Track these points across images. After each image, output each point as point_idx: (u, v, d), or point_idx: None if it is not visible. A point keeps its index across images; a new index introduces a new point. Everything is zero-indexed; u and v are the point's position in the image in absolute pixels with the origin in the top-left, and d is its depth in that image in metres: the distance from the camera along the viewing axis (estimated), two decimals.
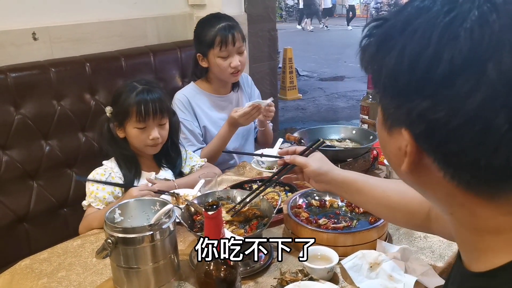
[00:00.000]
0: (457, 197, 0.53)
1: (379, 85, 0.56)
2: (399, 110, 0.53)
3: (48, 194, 1.92)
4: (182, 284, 1.16)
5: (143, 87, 1.57)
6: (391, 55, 0.52)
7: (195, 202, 1.31)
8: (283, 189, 1.61)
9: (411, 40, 0.50)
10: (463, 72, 0.46)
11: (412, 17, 0.51)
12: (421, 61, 0.49)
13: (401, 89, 0.52)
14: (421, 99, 0.50)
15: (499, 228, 0.52)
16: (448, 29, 0.48)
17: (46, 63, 1.92)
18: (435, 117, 0.49)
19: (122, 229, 1.06)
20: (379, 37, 0.55)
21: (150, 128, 1.56)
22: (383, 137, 0.59)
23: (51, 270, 1.26)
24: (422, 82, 0.49)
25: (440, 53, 0.47)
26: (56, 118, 1.92)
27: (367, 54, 0.57)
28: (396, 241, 1.31)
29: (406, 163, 0.55)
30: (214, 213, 0.83)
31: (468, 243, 0.57)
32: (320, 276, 1.11)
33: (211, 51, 1.93)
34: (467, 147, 0.48)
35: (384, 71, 0.53)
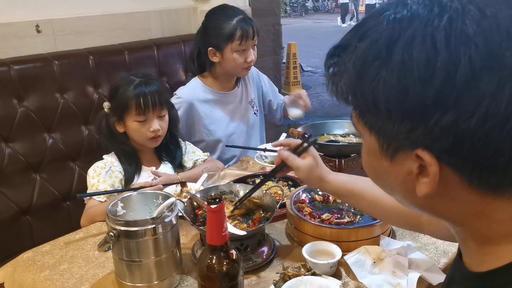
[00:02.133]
0: (476, 206, 0.51)
1: (372, 112, 0.51)
2: (413, 132, 0.48)
3: (51, 187, 1.92)
4: (184, 278, 1.16)
5: (141, 79, 1.56)
6: (387, 75, 0.47)
7: (197, 196, 1.30)
8: (286, 184, 1.61)
9: (409, 53, 0.46)
10: (485, 70, 0.44)
11: (397, 30, 0.47)
12: (435, 71, 0.45)
13: (414, 108, 0.47)
14: (442, 112, 0.45)
15: (511, 232, 0.51)
16: (453, 30, 0.45)
17: (50, 55, 1.92)
18: (463, 128, 0.45)
19: (124, 222, 1.06)
20: (356, 61, 0.50)
21: (150, 120, 1.56)
22: (382, 168, 0.55)
23: (53, 262, 1.26)
24: (440, 93, 0.45)
25: (455, 56, 0.44)
26: (59, 111, 1.92)
27: (343, 83, 0.52)
28: (400, 237, 1.30)
29: (427, 186, 0.50)
30: (217, 206, 0.82)
31: (474, 250, 0.56)
32: (323, 271, 1.10)
33: (229, 45, 1.84)
34: (501, 149, 0.46)
35: (381, 94, 0.48)
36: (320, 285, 1.01)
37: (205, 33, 1.92)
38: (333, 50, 0.55)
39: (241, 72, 1.97)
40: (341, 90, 0.53)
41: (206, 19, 1.94)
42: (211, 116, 2.00)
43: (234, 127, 2.06)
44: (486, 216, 0.51)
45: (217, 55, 1.90)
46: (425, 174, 0.50)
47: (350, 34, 0.54)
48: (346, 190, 1.10)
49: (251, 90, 2.13)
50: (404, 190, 0.54)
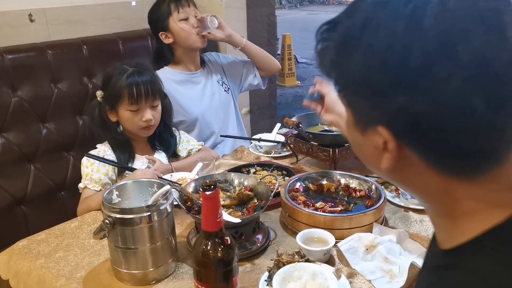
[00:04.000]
0: (438, 184, 0.54)
1: (347, 88, 0.56)
2: (374, 109, 0.53)
3: (45, 177, 1.92)
4: (179, 265, 1.17)
5: (134, 69, 1.56)
6: (356, 56, 0.51)
7: (192, 185, 1.31)
8: (281, 173, 1.62)
9: (375, 36, 0.49)
10: (436, 60, 0.47)
11: (371, 14, 0.51)
12: (392, 56, 0.48)
13: (375, 88, 0.51)
14: (397, 95, 0.49)
15: (472, 209, 0.54)
16: (413, 20, 0.48)
17: (43, 45, 1.91)
18: (415, 110, 0.49)
19: (119, 210, 1.06)
20: (337, 39, 0.54)
21: (143, 110, 1.56)
22: (357, 139, 0.59)
23: (48, 250, 1.26)
24: (396, 76, 0.49)
25: (409, 45, 0.47)
26: (53, 101, 1.92)
27: (326, 59, 0.56)
28: (392, 224, 1.32)
29: (388, 160, 0.54)
30: (211, 193, 0.83)
31: (443, 227, 0.58)
32: (317, 258, 1.12)
33: (170, 19, 1.96)
34: (450, 133, 0.49)
35: (352, 72, 0.53)
36: (313, 271, 1.02)
37: (151, 25, 2.05)
38: (324, 25, 0.58)
39: (195, 40, 1.99)
40: (325, 65, 0.57)
41: (148, 17, 2.06)
42: (183, 95, 2.04)
43: (207, 104, 2.10)
44: (448, 194, 0.54)
45: (168, 35, 1.99)
46: (389, 149, 0.54)
47: (343, 12, 0.57)
48: None
49: (215, 71, 2.18)
50: (374, 162, 0.58)
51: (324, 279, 1.00)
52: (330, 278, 1.00)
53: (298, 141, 1.71)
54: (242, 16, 2.68)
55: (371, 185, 1.38)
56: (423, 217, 1.34)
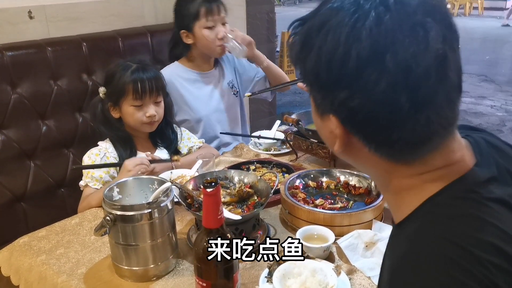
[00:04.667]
0: (381, 165, 0.63)
1: (306, 79, 0.64)
2: (324, 100, 0.61)
3: (45, 174, 1.92)
4: (180, 262, 1.17)
5: (137, 65, 1.57)
6: (312, 54, 0.59)
7: (192, 182, 1.32)
8: (280, 170, 1.62)
9: (325, 40, 0.57)
10: (369, 65, 0.55)
11: (326, 18, 0.58)
12: (335, 59, 0.56)
13: (323, 83, 0.60)
14: (339, 90, 0.58)
15: (412, 186, 0.62)
16: (353, 29, 0.55)
17: (43, 42, 1.90)
18: (353, 104, 0.57)
19: (120, 207, 1.07)
20: (301, 36, 0.62)
21: (146, 105, 1.57)
22: (317, 123, 0.67)
23: (49, 247, 1.27)
24: (338, 76, 0.57)
25: (348, 51, 0.55)
26: (53, 98, 1.91)
27: (293, 51, 0.64)
28: (391, 221, 1.32)
29: (338, 144, 0.64)
30: (212, 190, 0.83)
31: (392, 203, 0.68)
32: (317, 255, 1.12)
33: (197, 23, 1.91)
34: (381, 126, 0.58)
35: (308, 68, 0.61)
36: (313, 268, 1.03)
37: (176, 18, 1.99)
38: (296, 21, 0.65)
39: (215, 50, 1.98)
40: (292, 57, 0.65)
41: (174, 5, 1.99)
42: (191, 94, 2.02)
43: (214, 106, 2.08)
44: (390, 174, 0.64)
45: (189, 36, 1.95)
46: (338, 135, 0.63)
47: (312, 11, 0.63)
48: None
49: (227, 72, 2.15)
50: (330, 144, 0.67)
51: (324, 275, 1.01)
52: (330, 274, 1.01)
53: (298, 138, 1.72)
54: (242, 13, 2.68)
55: (370, 182, 1.38)
56: None
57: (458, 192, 0.60)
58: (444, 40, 0.55)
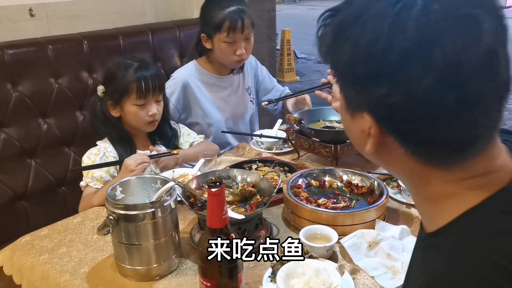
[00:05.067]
0: (416, 169, 0.59)
1: (338, 74, 0.60)
2: (359, 97, 0.57)
3: (46, 173, 1.92)
4: (182, 261, 1.17)
5: (139, 63, 1.55)
6: (347, 46, 0.55)
7: (195, 181, 1.31)
8: (282, 169, 1.62)
9: (364, 31, 0.53)
10: (413, 59, 0.50)
11: (363, 8, 0.54)
12: (375, 51, 0.52)
13: (359, 78, 0.55)
14: (378, 86, 0.53)
15: (451, 193, 0.58)
16: (397, 19, 0.51)
17: (43, 40, 1.90)
18: (392, 102, 0.53)
19: (123, 206, 1.07)
20: (334, 28, 0.58)
21: (149, 104, 1.57)
22: (347, 121, 0.63)
23: (51, 246, 1.26)
24: (377, 70, 0.53)
25: (391, 43, 0.51)
26: (54, 96, 1.91)
27: (324, 44, 0.60)
28: (394, 221, 1.32)
29: (371, 144, 0.59)
30: (217, 190, 0.83)
31: (424, 209, 0.63)
32: (320, 255, 1.12)
33: (217, 35, 1.84)
34: (423, 126, 0.53)
35: (342, 61, 0.57)
36: (317, 268, 1.02)
37: (200, 19, 1.93)
38: (326, 12, 0.61)
39: (231, 64, 1.97)
40: (323, 51, 0.61)
41: (203, 3, 1.92)
42: (206, 99, 1.99)
43: (229, 112, 2.05)
44: (426, 179, 0.59)
45: (208, 42, 1.91)
46: (371, 134, 0.59)
47: (345, 0, 0.59)
48: None
49: (248, 77, 2.12)
50: (360, 144, 0.63)
51: (327, 275, 1.01)
52: (333, 274, 1.01)
53: (300, 137, 1.72)
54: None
55: (373, 182, 1.38)
56: None
57: (502, 205, 0.55)
58: (495, 33, 0.51)
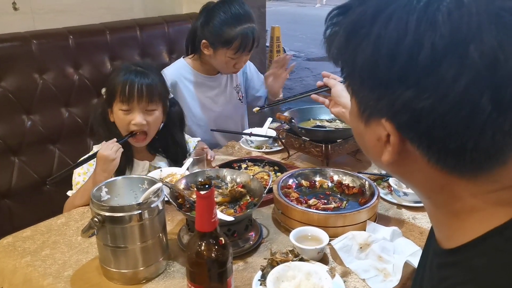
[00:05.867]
0: (439, 181, 0.54)
1: (353, 77, 0.55)
2: (380, 102, 0.52)
3: (30, 170, 1.87)
4: (170, 264, 1.14)
5: (136, 68, 1.47)
6: (365, 46, 0.50)
7: (183, 181, 1.28)
8: (272, 169, 1.60)
9: (386, 28, 0.48)
10: (446, 57, 0.46)
11: (383, 3, 0.50)
12: (401, 50, 0.47)
13: (382, 80, 0.50)
14: (404, 88, 0.48)
15: (475, 208, 0.53)
16: (425, 14, 0.46)
17: (28, 34, 1.85)
18: (420, 106, 0.48)
19: (109, 208, 1.03)
20: (348, 26, 0.53)
21: (134, 111, 1.46)
22: (359, 129, 0.58)
23: (34, 248, 1.23)
24: (404, 71, 0.48)
25: (420, 40, 0.46)
26: (39, 92, 1.86)
27: (335, 45, 0.55)
28: (385, 222, 1.31)
29: (389, 153, 0.54)
30: (206, 192, 0.80)
31: (443, 224, 0.58)
32: (310, 257, 1.10)
33: (223, 50, 1.80)
34: (454, 132, 0.48)
35: (359, 62, 0.52)
36: (308, 270, 1.01)
37: (205, 24, 1.82)
38: (335, 10, 0.56)
39: (225, 73, 1.97)
40: (333, 52, 0.56)
41: (210, 10, 1.82)
42: (194, 98, 1.97)
43: (218, 112, 2.03)
44: (448, 191, 0.54)
45: (209, 49, 1.85)
46: (391, 143, 0.54)
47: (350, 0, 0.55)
48: None
49: (236, 75, 2.10)
50: (375, 153, 0.58)
51: (318, 278, 0.99)
52: (324, 277, 0.99)
53: (290, 136, 1.69)
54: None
55: (364, 182, 1.36)
56: (416, 214, 1.34)
57: None
58: None
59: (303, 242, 1.14)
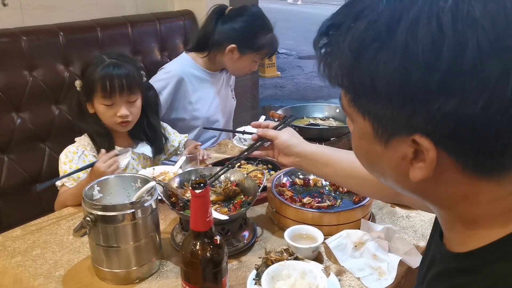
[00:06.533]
0: (465, 189, 0.51)
1: (367, 97, 0.50)
2: (414, 117, 0.46)
3: (20, 169, 1.84)
4: (163, 263, 1.13)
5: (111, 61, 1.47)
6: (387, 59, 0.45)
7: (176, 180, 1.27)
8: (266, 168, 1.59)
9: (414, 35, 0.44)
10: (492, 55, 0.42)
11: (398, 11, 0.45)
12: (442, 55, 0.43)
13: (416, 93, 0.45)
14: (446, 97, 0.44)
15: (494, 212, 0.51)
16: (459, 11, 0.43)
17: (17, 30, 1.81)
18: (466, 113, 0.44)
19: (102, 207, 1.02)
20: (353, 43, 0.48)
21: (118, 105, 1.47)
22: (375, 152, 0.54)
23: (25, 248, 1.21)
24: (446, 78, 0.43)
25: (462, 40, 0.42)
26: (28, 90, 1.83)
27: (338, 65, 0.50)
28: (380, 220, 1.31)
29: (423, 170, 0.49)
30: (201, 191, 0.79)
31: (458, 232, 0.56)
32: (305, 256, 1.10)
33: (252, 54, 1.87)
34: (502, 131, 0.45)
35: (381, 79, 0.46)
36: (303, 269, 1.00)
37: (239, 29, 1.85)
38: (324, 29, 0.52)
39: (238, 75, 2.05)
40: (335, 73, 0.51)
41: (249, 17, 1.87)
42: (196, 93, 1.98)
43: (215, 108, 2.05)
44: (472, 199, 0.51)
45: (234, 53, 1.86)
46: (420, 159, 0.49)
47: (343, 13, 0.51)
48: (324, 157, 1.09)
49: (230, 76, 2.14)
50: (397, 174, 0.54)
51: (313, 277, 0.98)
52: (319, 276, 0.98)
53: None
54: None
55: None
56: (410, 212, 1.34)
57: None
58: None
59: (298, 240, 1.13)
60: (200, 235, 0.84)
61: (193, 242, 0.84)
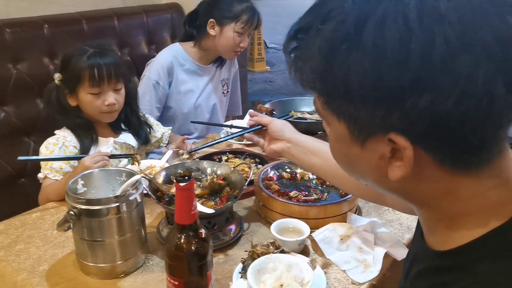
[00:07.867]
0: (444, 185, 0.51)
1: (341, 98, 0.49)
2: (388, 117, 0.46)
3: (4, 163, 1.82)
4: (149, 257, 1.12)
5: (95, 50, 1.47)
6: (357, 59, 0.45)
7: (163, 174, 1.26)
8: (254, 161, 1.59)
9: (382, 33, 0.43)
10: (461, 49, 0.42)
11: (364, 10, 0.45)
12: (411, 52, 0.43)
13: (389, 92, 0.45)
14: (418, 95, 0.44)
15: (475, 209, 0.51)
16: (425, 7, 0.43)
17: (1, 22, 1.79)
18: (439, 109, 0.44)
19: (86, 201, 1.01)
20: (323, 45, 0.47)
21: (105, 93, 1.47)
22: (352, 153, 0.53)
23: (8, 242, 1.19)
24: (417, 76, 0.43)
25: (429, 36, 0.42)
26: (12, 83, 1.80)
27: (308, 69, 0.50)
28: (366, 213, 1.32)
29: (402, 169, 0.49)
30: (186, 184, 0.78)
31: (438, 230, 0.55)
32: (291, 249, 1.10)
33: (233, 24, 1.86)
34: (476, 126, 0.45)
35: (353, 80, 0.46)
36: (289, 262, 1.00)
37: (214, 3, 1.90)
38: (292, 33, 0.52)
39: (229, 54, 1.99)
40: (307, 77, 0.51)
41: None
42: (185, 85, 1.99)
43: (201, 101, 2.05)
44: (452, 195, 0.51)
45: (215, 28, 1.89)
46: (398, 157, 0.49)
47: (310, 15, 0.51)
48: (314, 147, 1.10)
49: (225, 69, 2.13)
50: (376, 175, 0.54)
51: (299, 270, 0.98)
52: (305, 269, 0.98)
53: None
54: None
55: None
56: None
57: None
58: None
59: (284, 234, 1.13)
60: (185, 228, 0.83)
61: (178, 236, 0.83)
